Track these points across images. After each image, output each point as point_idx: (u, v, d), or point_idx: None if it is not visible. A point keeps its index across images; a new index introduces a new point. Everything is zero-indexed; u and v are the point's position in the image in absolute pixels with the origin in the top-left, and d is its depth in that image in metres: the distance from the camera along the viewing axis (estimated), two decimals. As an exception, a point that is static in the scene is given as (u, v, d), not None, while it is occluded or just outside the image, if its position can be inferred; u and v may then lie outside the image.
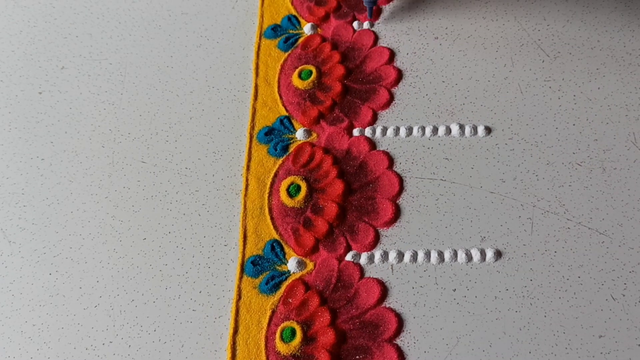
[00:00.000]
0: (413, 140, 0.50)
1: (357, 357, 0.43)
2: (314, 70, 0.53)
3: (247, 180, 0.50)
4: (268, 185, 0.50)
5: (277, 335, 0.44)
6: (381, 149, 0.50)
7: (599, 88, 0.51)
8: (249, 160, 0.51)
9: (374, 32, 0.56)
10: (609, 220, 0.45)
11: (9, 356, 0.45)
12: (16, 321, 0.46)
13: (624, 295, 0.43)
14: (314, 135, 0.51)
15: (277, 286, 0.46)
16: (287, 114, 0.52)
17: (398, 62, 0.54)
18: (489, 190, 0.47)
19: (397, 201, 0.48)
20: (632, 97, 0.50)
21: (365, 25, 0.57)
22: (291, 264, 0.46)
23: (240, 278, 0.46)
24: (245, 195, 0.49)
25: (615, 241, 0.45)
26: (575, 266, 0.44)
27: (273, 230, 0.48)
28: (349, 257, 0.46)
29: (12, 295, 0.47)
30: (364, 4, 0.56)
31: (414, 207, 0.48)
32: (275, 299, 0.45)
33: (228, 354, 0.44)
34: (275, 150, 0.51)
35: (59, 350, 0.45)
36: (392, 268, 0.46)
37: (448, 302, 0.44)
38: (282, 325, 0.44)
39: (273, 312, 0.45)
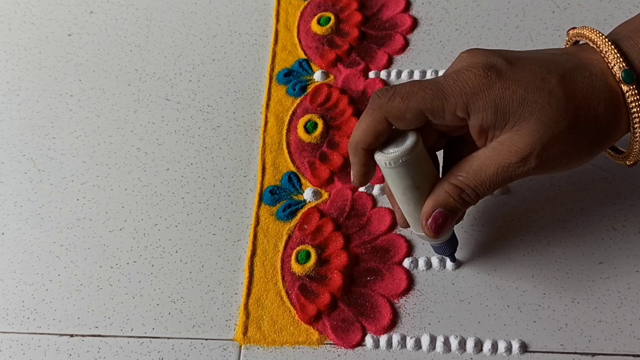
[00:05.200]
0: (426, 83, 0.52)
1: (369, 277, 0.45)
2: (332, 17, 0.56)
3: (266, 117, 0.52)
4: (286, 122, 0.52)
5: (293, 257, 0.46)
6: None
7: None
8: (269, 99, 0.53)
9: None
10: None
11: (37, 273, 0.48)
12: (45, 242, 0.49)
13: (624, 227, 0.45)
14: (331, 77, 0.54)
15: (293, 213, 0.48)
16: (305, 57, 0.55)
17: (413, 11, 0.56)
18: (498, 129, 0.50)
19: (410, 138, 0.50)
20: (638, 46, 0.52)
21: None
22: (307, 194, 0.49)
23: (259, 206, 0.49)
24: (265, 131, 0.52)
25: (617, 177, 0.47)
26: (579, 199, 0.46)
27: (290, 164, 0.50)
28: (362, 188, 0.48)
29: (41, 219, 0.50)
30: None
31: (425, 144, 0.50)
32: (292, 225, 0.48)
33: (246, 274, 0.46)
34: (294, 90, 0.53)
35: (85, 269, 0.47)
36: (403, 199, 0.48)
37: (455, 230, 0.46)
38: (298, 248, 0.46)
39: (289, 236, 0.47)
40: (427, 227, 0.38)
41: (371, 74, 0.53)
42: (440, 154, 0.42)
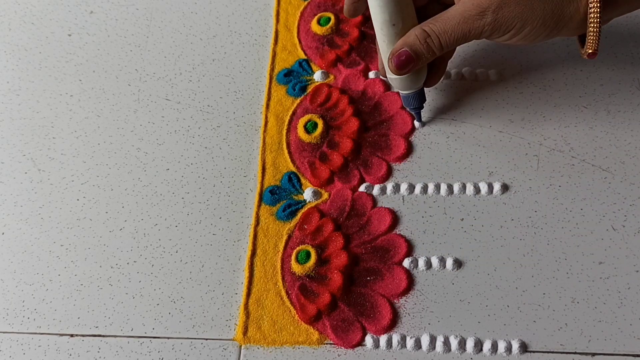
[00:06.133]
0: (426, 83, 0.53)
1: (369, 277, 0.45)
2: (332, 17, 0.56)
3: (266, 117, 0.52)
4: (286, 123, 0.52)
5: (293, 257, 0.46)
6: (395, 90, 0.52)
7: (606, 37, 0.53)
8: (269, 99, 0.53)
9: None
10: (612, 157, 0.47)
11: (37, 273, 0.48)
12: (45, 242, 0.49)
13: (624, 227, 0.45)
14: (331, 77, 0.54)
15: (293, 213, 0.48)
16: (305, 57, 0.55)
17: (413, 11, 0.56)
18: (498, 129, 0.50)
19: (410, 138, 0.50)
20: (637, 46, 0.52)
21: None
22: (307, 194, 0.49)
23: (259, 206, 0.49)
24: (265, 131, 0.52)
25: (617, 177, 0.47)
26: (579, 199, 0.46)
27: (290, 164, 0.50)
28: (362, 188, 0.48)
29: (41, 219, 0.50)
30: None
31: (425, 144, 0.50)
32: (292, 225, 0.48)
33: (246, 274, 0.46)
34: (294, 90, 0.53)
35: (85, 269, 0.47)
36: (403, 199, 0.48)
37: (456, 230, 0.46)
38: (298, 248, 0.46)
39: (289, 236, 0.47)
40: (391, 62, 0.44)
41: (371, 74, 0.53)
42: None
